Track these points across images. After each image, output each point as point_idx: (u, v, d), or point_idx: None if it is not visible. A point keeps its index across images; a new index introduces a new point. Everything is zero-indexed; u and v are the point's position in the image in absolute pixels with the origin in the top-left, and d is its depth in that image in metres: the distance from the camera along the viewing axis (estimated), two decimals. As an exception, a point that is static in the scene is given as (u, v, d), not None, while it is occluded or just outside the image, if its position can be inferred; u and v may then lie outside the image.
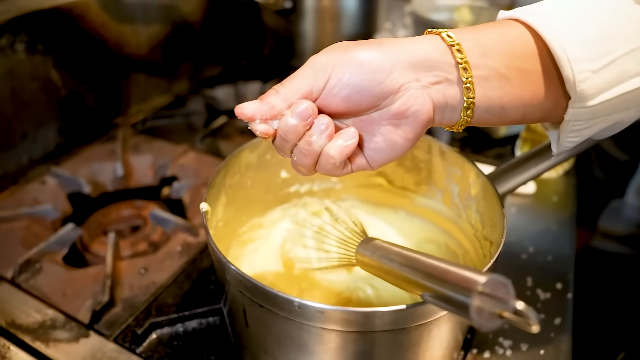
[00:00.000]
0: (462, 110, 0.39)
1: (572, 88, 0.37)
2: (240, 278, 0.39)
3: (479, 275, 0.29)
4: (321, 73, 0.38)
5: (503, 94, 0.39)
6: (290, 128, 0.38)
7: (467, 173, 0.53)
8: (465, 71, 0.37)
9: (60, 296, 0.63)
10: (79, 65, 0.94)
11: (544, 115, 0.41)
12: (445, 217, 0.60)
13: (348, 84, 0.37)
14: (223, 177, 0.52)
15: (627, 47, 0.38)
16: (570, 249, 0.72)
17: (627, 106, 0.40)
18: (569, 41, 0.37)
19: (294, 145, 0.40)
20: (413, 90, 0.37)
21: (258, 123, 0.39)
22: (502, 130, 0.94)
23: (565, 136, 0.41)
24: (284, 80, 0.39)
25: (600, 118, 0.40)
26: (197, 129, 1.02)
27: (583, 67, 0.37)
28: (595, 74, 0.37)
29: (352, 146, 0.39)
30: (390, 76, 0.37)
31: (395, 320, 0.36)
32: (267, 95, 0.39)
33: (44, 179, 0.86)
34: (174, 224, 0.75)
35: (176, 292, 0.64)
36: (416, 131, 0.39)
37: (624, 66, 0.38)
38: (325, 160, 0.39)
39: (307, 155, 0.39)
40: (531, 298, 0.63)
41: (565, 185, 0.86)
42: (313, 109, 0.38)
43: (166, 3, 1.09)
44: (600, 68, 0.37)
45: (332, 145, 0.39)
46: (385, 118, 0.38)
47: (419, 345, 0.40)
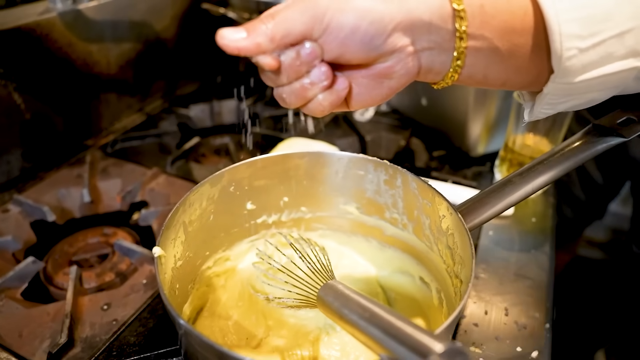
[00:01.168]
0: (447, 74, 0.41)
1: (557, 63, 0.38)
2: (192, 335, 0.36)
3: (436, 343, 0.27)
4: (322, 17, 0.37)
5: (490, 64, 0.40)
6: (291, 68, 0.38)
7: (437, 206, 0.51)
8: (460, 40, 0.38)
9: (16, 337, 0.60)
10: (44, 87, 0.91)
11: (524, 86, 0.43)
12: (418, 248, 0.58)
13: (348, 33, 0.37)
14: (180, 215, 0.50)
15: (617, 29, 0.38)
16: (549, 276, 0.70)
17: (605, 87, 0.41)
18: (565, 15, 0.37)
19: (288, 83, 0.40)
20: (405, 55, 0.38)
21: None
22: (480, 149, 0.93)
23: (540, 107, 0.43)
24: (275, 14, 0.38)
25: (577, 95, 0.41)
26: (170, 151, 0.99)
27: (572, 44, 0.37)
28: (582, 53, 0.38)
29: (343, 97, 0.41)
30: (390, 38, 0.37)
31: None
32: (255, 30, 0.37)
33: (7, 207, 0.83)
34: (140, 255, 0.72)
35: (139, 329, 0.61)
36: (396, 88, 0.41)
37: (610, 48, 0.38)
38: (315, 106, 0.40)
39: (298, 97, 0.40)
40: (508, 328, 0.61)
41: (544, 206, 0.84)
42: (318, 55, 0.38)
43: (137, 20, 1.07)
44: (588, 47, 0.38)
45: (326, 95, 0.40)
46: (370, 73, 0.40)
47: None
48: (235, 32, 0.37)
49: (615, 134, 0.55)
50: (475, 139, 0.91)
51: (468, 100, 0.87)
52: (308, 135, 1.00)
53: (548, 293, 0.67)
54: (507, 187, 0.53)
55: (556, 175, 0.54)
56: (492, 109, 0.87)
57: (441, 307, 0.53)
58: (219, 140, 1.07)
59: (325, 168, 0.59)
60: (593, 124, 0.58)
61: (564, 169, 0.54)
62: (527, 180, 0.53)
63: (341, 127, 1.07)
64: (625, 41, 0.39)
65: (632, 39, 0.39)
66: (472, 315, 0.63)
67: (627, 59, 0.40)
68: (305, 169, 0.59)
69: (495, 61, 0.40)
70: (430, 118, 1.01)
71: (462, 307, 0.38)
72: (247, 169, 0.56)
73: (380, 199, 0.59)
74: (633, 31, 0.38)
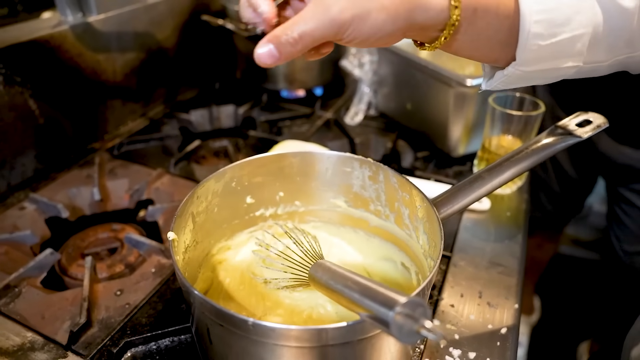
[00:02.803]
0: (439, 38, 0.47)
1: (520, 54, 0.46)
2: (202, 301, 0.43)
3: (401, 297, 0.34)
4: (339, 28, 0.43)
5: (464, 36, 0.47)
6: None
7: (414, 198, 0.59)
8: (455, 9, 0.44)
9: (39, 319, 0.67)
10: (56, 94, 0.97)
11: (486, 62, 0.52)
12: (399, 237, 0.65)
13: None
14: (189, 206, 0.57)
15: (572, 33, 0.46)
16: (520, 263, 0.77)
17: (550, 76, 0.51)
18: (535, 17, 0.45)
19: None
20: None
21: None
22: (460, 150, 1.00)
23: (496, 83, 0.52)
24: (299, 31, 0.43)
25: (527, 80, 0.51)
26: (172, 153, 1.06)
27: (535, 42, 0.45)
28: (541, 49, 0.46)
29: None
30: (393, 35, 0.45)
31: (337, 336, 0.41)
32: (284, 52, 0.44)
33: (23, 204, 0.89)
34: (149, 247, 0.79)
35: (150, 312, 0.68)
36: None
37: (562, 48, 0.47)
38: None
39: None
40: (481, 309, 0.68)
41: (518, 201, 0.92)
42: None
43: (141, 31, 1.14)
44: (546, 45, 0.46)
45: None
46: None
47: (365, 358, 0.45)
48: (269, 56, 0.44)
49: (572, 135, 0.63)
50: (456, 141, 0.99)
51: (448, 105, 0.95)
52: (301, 138, 1.07)
53: (518, 278, 0.75)
54: (476, 182, 0.60)
55: (520, 170, 0.62)
56: (470, 114, 0.94)
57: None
58: (218, 143, 1.14)
59: (316, 166, 0.67)
60: (555, 125, 0.66)
61: (528, 166, 0.62)
62: (494, 175, 0.60)
63: (332, 130, 1.14)
64: (575, 44, 0.47)
65: (580, 43, 0.47)
66: (450, 298, 0.70)
67: (573, 57, 0.48)
68: (298, 167, 0.67)
69: (470, 34, 0.47)
70: (415, 122, 1.08)
71: (430, 277, 0.45)
72: (247, 167, 0.64)
73: (365, 193, 0.67)
74: (583, 37, 0.47)
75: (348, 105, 1.22)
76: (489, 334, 0.65)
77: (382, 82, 1.14)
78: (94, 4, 1.01)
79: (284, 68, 1.23)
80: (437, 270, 0.47)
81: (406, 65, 1.04)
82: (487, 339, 0.64)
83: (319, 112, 1.22)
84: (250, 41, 1.21)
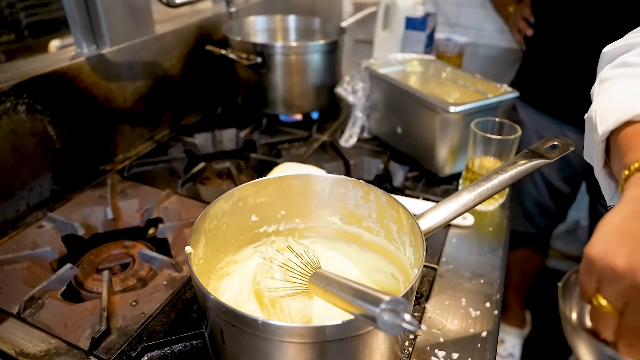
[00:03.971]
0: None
1: None
2: (218, 304, 0.50)
3: (385, 296, 0.41)
4: None
5: None
6: None
7: (401, 215, 0.66)
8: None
9: (62, 327, 0.73)
10: (72, 120, 1.05)
11: None
12: (389, 250, 0.73)
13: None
14: (202, 223, 0.64)
15: None
16: (500, 274, 0.85)
17: None
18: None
19: None
20: None
21: None
22: (447, 170, 1.08)
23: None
24: None
25: None
26: (179, 174, 1.14)
27: None
28: None
29: None
30: None
31: (335, 332, 0.48)
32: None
33: (41, 223, 0.96)
34: (160, 261, 0.85)
35: (163, 320, 0.74)
36: None
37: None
38: None
39: None
40: (464, 315, 0.76)
41: (500, 217, 0.99)
42: None
43: (149, 60, 1.22)
44: None
45: None
46: None
47: (359, 353, 0.52)
48: None
49: (543, 157, 0.71)
50: (442, 162, 1.07)
51: (435, 129, 1.03)
52: (299, 160, 1.15)
53: (499, 288, 0.82)
54: (456, 200, 0.68)
55: (496, 189, 0.69)
56: (455, 137, 1.03)
57: (406, 295, 0.68)
58: (220, 165, 1.22)
59: (314, 187, 0.74)
60: (527, 148, 0.74)
61: (502, 185, 0.70)
62: (472, 194, 0.68)
63: (328, 152, 1.22)
64: None
65: None
66: (436, 305, 0.77)
67: None
68: (298, 188, 0.74)
69: None
70: (405, 144, 1.16)
71: (413, 283, 0.52)
72: (253, 188, 0.71)
73: (358, 211, 0.74)
74: None
75: (343, 129, 1.31)
76: (471, 337, 0.72)
77: (374, 107, 1.23)
78: (107, 36, 1.09)
79: (283, 94, 1.32)
80: (419, 277, 0.54)
81: (396, 92, 1.13)
82: (469, 342, 0.71)
83: (315, 135, 1.30)
84: (251, 69, 1.30)
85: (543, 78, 1.43)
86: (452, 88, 1.19)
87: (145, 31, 1.20)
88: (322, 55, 1.29)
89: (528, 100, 1.47)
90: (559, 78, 1.37)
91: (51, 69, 0.98)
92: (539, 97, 1.45)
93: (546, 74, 1.42)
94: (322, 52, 1.28)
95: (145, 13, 1.19)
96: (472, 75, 1.15)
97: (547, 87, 1.42)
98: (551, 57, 1.39)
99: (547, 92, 1.42)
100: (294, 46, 1.30)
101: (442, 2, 2.24)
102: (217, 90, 1.47)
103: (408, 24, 1.53)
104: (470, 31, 2.24)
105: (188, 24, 1.34)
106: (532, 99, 1.46)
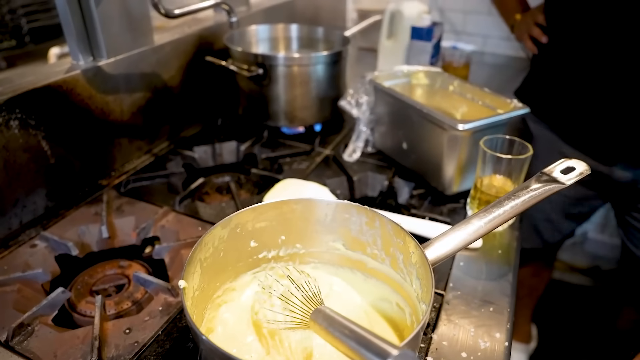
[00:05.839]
0: None
1: None
2: (212, 347, 0.47)
3: (393, 349, 0.38)
4: None
5: None
6: None
7: (408, 244, 0.63)
8: None
9: (52, 357, 0.70)
10: (67, 134, 1.02)
11: None
12: (394, 279, 0.69)
13: None
14: (198, 253, 0.61)
15: None
16: (510, 301, 0.81)
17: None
18: None
19: None
20: None
21: None
22: (454, 188, 1.05)
23: None
24: None
25: None
26: (177, 190, 1.11)
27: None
28: None
29: None
30: None
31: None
32: None
33: (34, 242, 0.93)
34: (156, 285, 0.82)
35: (157, 350, 0.71)
36: None
37: None
38: None
39: None
40: (473, 347, 0.72)
41: (509, 239, 0.96)
42: None
43: (148, 72, 1.19)
44: None
45: None
46: None
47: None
48: None
49: (557, 181, 0.67)
50: (449, 180, 1.03)
51: (442, 146, 1.00)
52: (300, 175, 1.12)
53: (509, 316, 0.78)
54: (466, 228, 0.64)
55: (508, 216, 0.66)
56: (463, 154, 0.99)
57: (413, 328, 0.64)
58: (220, 179, 1.18)
59: (316, 212, 0.71)
60: (540, 172, 0.70)
61: (514, 212, 0.66)
62: (483, 221, 0.65)
63: (331, 167, 1.19)
64: None
65: None
66: (443, 335, 0.74)
67: None
68: (299, 213, 0.71)
69: None
70: (410, 160, 1.13)
71: (422, 325, 0.49)
72: (251, 214, 0.68)
73: (362, 237, 0.71)
74: None
75: (346, 142, 1.27)
76: (480, 372, 0.68)
77: (379, 121, 1.19)
78: (104, 48, 1.06)
79: (285, 106, 1.28)
80: (428, 316, 0.51)
81: (402, 106, 1.09)
82: (479, 377, 0.67)
83: (318, 149, 1.27)
84: (252, 81, 1.26)
85: (553, 91, 1.36)
86: (459, 102, 1.15)
87: (144, 42, 1.17)
88: (325, 67, 1.26)
89: (538, 114, 1.41)
90: (570, 93, 1.29)
91: (45, 83, 0.95)
92: (548, 111, 1.38)
93: (557, 87, 1.34)
94: (325, 63, 1.25)
95: (144, 23, 1.16)
96: (481, 89, 1.12)
97: (556, 102, 1.35)
98: (563, 68, 1.31)
99: (556, 108, 1.35)
100: (296, 57, 1.26)
101: (448, 9, 2.21)
102: (217, 102, 1.44)
103: (414, 34, 1.50)
104: (477, 39, 2.21)
105: (188, 34, 1.31)
106: (542, 113, 1.41)
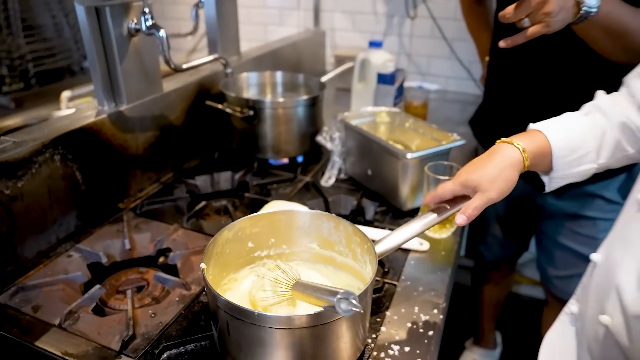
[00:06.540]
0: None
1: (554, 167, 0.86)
2: (226, 302, 0.70)
3: (340, 290, 0.62)
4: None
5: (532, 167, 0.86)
6: None
7: (362, 240, 0.87)
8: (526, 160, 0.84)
9: (96, 334, 0.92)
10: (95, 166, 1.26)
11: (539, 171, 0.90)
12: (355, 269, 0.93)
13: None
14: (212, 248, 0.84)
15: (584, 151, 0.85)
16: (447, 288, 1.05)
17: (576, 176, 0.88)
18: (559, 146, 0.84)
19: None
20: None
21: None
22: (409, 205, 1.30)
23: (548, 184, 0.91)
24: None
25: (561, 180, 0.89)
26: (183, 211, 1.34)
27: (561, 160, 0.85)
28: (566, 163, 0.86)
29: None
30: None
31: (308, 321, 0.68)
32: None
33: (70, 253, 1.15)
34: (173, 282, 1.05)
35: (177, 327, 0.93)
36: None
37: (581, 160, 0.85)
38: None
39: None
40: (416, 319, 0.96)
41: (451, 243, 1.20)
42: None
43: (157, 114, 1.44)
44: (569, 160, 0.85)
45: None
46: None
47: (327, 338, 0.72)
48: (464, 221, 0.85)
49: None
50: (405, 199, 1.28)
51: (397, 171, 1.25)
52: (285, 198, 1.36)
53: (445, 297, 1.02)
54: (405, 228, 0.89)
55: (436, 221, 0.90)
56: (414, 178, 1.25)
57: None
58: (218, 203, 1.42)
59: (297, 220, 0.95)
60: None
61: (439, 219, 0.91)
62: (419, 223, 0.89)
63: (311, 191, 1.43)
64: (589, 156, 0.85)
65: (593, 154, 0.85)
66: (394, 312, 0.97)
67: (590, 163, 0.86)
68: (285, 221, 0.95)
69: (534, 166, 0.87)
70: (374, 184, 1.38)
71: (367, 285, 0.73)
72: (249, 221, 0.92)
73: (331, 238, 0.95)
74: (592, 151, 0.85)
75: (323, 170, 1.52)
76: (420, 335, 0.92)
77: (349, 152, 1.45)
78: (125, 96, 1.31)
79: (272, 141, 1.54)
80: (373, 283, 0.75)
81: (366, 141, 1.35)
82: (418, 339, 0.91)
83: (300, 177, 1.51)
84: (244, 120, 1.52)
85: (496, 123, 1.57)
86: (414, 136, 1.42)
87: (155, 90, 1.42)
88: (305, 109, 1.52)
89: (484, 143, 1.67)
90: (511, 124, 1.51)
91: (80, 125, 1.19)
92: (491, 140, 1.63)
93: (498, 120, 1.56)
94: (305, 105, 1.51)
95: (156, 75, 1.42)
96: (429, 125, 1.38)
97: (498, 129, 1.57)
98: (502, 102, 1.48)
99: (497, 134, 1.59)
100: (281, 101, 1.53)
101: (414, 54, 2.51)
102: (214, 138, 1.69)
103: (379, 79, 1.77)
104: (440, 79, 2.50)
105: (190, 82, 1.56)
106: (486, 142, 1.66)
